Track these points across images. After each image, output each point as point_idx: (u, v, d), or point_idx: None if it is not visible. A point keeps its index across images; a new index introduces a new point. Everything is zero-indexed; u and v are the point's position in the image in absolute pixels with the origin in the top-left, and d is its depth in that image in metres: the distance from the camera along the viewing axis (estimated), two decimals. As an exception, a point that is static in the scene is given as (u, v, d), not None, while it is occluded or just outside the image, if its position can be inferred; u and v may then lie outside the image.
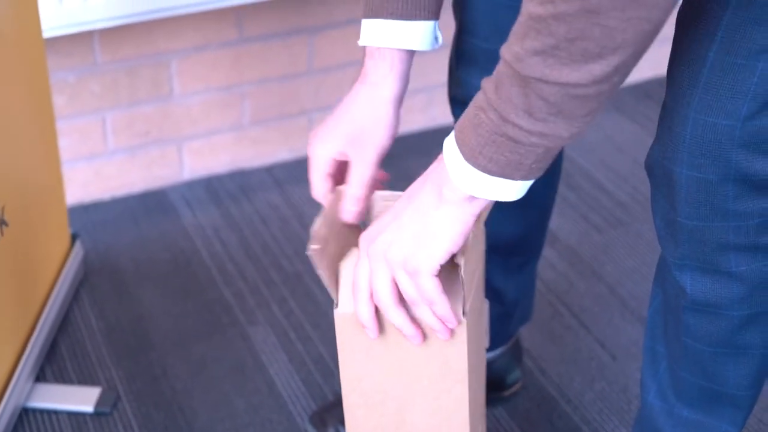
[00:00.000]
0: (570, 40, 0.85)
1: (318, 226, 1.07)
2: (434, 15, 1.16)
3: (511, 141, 0.92)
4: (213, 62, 2.00)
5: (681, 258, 1.12)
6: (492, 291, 1.47)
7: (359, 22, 1.22)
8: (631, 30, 0.84)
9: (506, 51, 0.90)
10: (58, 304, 1.71)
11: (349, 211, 1.13)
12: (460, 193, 0.98)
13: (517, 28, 0.89)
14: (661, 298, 1.22)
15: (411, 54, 1.16)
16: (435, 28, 1.16)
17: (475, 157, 0.95)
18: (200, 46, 1.98)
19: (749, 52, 0.98)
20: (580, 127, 0.91)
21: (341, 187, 1.15)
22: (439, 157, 1.00)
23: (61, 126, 1.92)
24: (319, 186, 1.16)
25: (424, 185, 1.01)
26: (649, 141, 2.09)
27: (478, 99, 0.94)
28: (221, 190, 2.07)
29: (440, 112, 2.19)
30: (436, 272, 1.01)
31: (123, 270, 1.86)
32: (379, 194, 1.15)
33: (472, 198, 0.98)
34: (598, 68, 0.87)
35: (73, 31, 1.79)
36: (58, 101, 1.90)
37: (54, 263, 1.73)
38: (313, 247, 1.05)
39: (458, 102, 1.39)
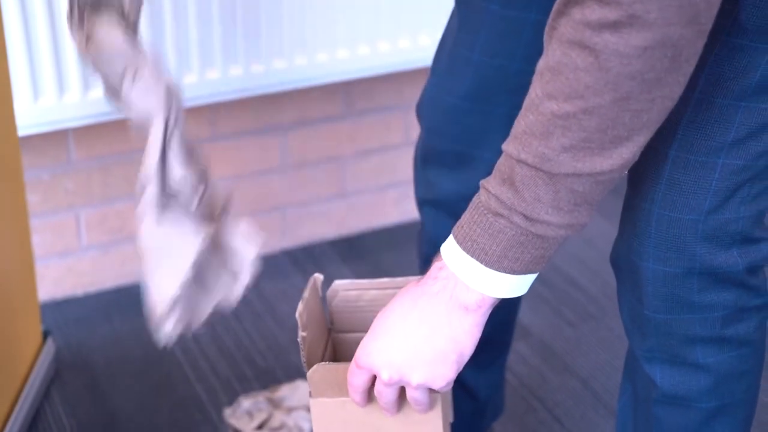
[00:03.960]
0: (602, 130, 0.87)
1: (300, 311, 1.10)
2: None
3: (538, 238, 0.93)
4: (187, 159, 2.02)
5: (649, 351, 1.13)
6: (464, 389, 1.47)
7: (331, 120, 1.23)
8: (656, 109, 0.87)
9: (524, 152, 0.90)
10: (29, 401, 1.70)
11: None
12: (489, 299, 0.97)
13: (533, 128, 0.89)
14: (630, 392, 1.22)
15: None
16: None
17: (499, 262, 0.94)
18: (174, 144, 1.99)
19: (708, 149, 1.01)
20: (595, 209, 0.93)
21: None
22: (434, 270, 0.99)
23: (35, 223, 1.92)
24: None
25: (432, 303, 0.99)
26: (619, 235, 2.11)
27: (491, 205, 0.93)
28: (194, 286, 2.07)
29: (412, 207, 2.21)
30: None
31: (95, 367, 1.85)
32: (339, 284, 1.17)
33: (495, 299, 0.98)
34: (626, 151, 0.89)
35: (48, 129, 1.81)
36: (32, 199, 1.91)
37: (25, 361, 1.72)
38: (302, 334, 1.08)
39: (428, 203, 1.38)
